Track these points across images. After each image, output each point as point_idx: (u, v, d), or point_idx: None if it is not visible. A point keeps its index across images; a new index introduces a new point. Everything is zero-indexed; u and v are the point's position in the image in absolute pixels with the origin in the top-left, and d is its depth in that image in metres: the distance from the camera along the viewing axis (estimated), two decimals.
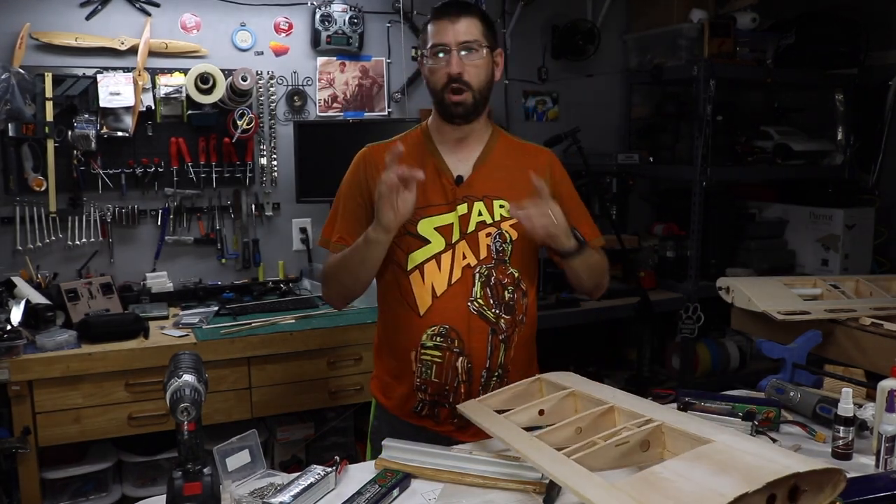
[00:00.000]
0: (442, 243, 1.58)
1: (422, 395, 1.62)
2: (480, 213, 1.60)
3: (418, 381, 1.61)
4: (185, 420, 1.12)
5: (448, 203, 1.60)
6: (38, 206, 2.76)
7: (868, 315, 2.04)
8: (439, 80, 1.56)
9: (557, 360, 2.89)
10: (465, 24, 1.54)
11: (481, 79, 1.57)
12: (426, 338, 1.59)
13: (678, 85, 3.54)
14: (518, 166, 1.65)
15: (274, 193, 3.10)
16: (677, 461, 1.06)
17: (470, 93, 1.56)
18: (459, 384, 1.59)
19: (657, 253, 3.43)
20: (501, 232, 1.60)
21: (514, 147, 1.71)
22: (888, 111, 3.38)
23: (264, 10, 3.02)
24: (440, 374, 1.59)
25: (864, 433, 1.46)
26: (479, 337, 1.58)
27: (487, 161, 1.64)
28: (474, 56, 1.55)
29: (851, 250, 3.35)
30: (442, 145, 1.65)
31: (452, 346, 1.58)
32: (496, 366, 1.61)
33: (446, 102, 1.57)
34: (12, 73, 2.58)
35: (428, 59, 1.57)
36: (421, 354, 1.60)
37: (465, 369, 1.58)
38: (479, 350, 1.59)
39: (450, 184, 1.61)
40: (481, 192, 1.61)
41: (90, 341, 2.36)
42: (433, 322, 1.58)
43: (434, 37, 1.55)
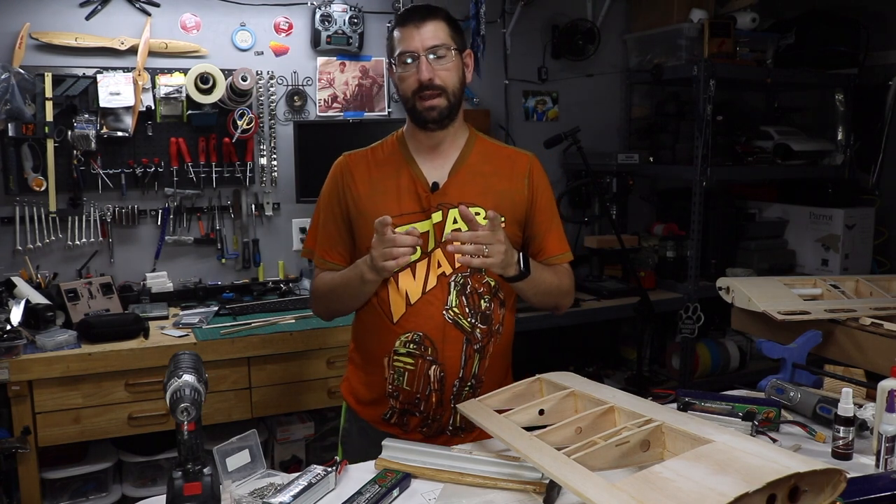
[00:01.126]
0: (417, 251, 1.54)
1: (393, 402, 1.61)
2: (455, 221, 1.56)
3: (390, 388, 1.60)
4: (185, 420, 1.12)
5: (423, 211, 1.57)
6: (38, 206, 2.76)
7: (868, 315, 2.04)
8: (409, 87, 1.53)
9: (557, 360, 2.90)
10: (430, 29, 1.51)
11: (453, 81, 1.54)
12: (399, 344, 1.58)
13: (678, 85, 3.54)
14: (495, 172, 1.62)
15: (274, 193, 3.10)
16: (677, 461, 1.06)
17: (443, 97, 1.53)
18: (431, 392, 1.58)
19: (657, 253, 3.43)
20: None
21: (492, 152, 1.66)
22: (888, 111, 3.38)
23: (264, 10, 3.02)
24: (412, 381, 1.58)
25: (864, 433, 1.46)
26: (453, 346, 1.56)
27: (463, 167, 1.60)
28: (444, 60, 1.52)
29: (851, 250, 3.35)
30: (417, 152, 1.62)
31: (426, 354, 1.56)
32: (469, 375, 1.59)
33: (418, 109, 1.54)
34: (12, 73, 2.58)
35: (397, 66, 1.55)
36: (393, 361, 1.59)
37: (437, 378, 1.57)
38: (452, 359, 1.57)
39: (424, 192, 1.58)
40: (456, 199, 1.56)
41: (90, 341, 2.36)
42: (406, 329, 1.57)
43: (400, 44, 1.53)
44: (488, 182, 1.60)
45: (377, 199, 1.58)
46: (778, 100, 3.96)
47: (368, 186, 1.60)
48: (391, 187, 1.59)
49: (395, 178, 1.60)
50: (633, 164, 3.39)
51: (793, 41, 3.37)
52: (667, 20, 3.38)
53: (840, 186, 3.46)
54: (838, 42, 3.37)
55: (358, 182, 1.61)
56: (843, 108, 3.52)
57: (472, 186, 1.59)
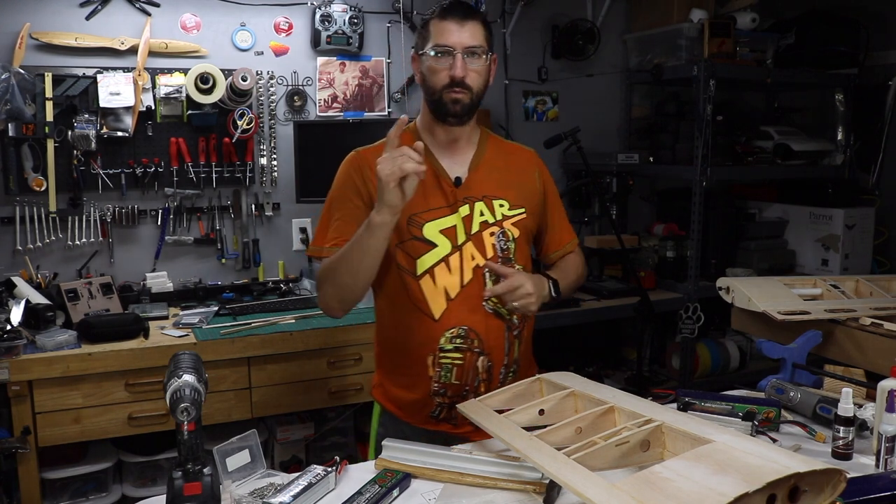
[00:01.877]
0: (448, 246, 1.58)
1: (440, 399, 1.61)
2: (482, 213, 1.61)
3: (436, 386, 1.60)
4: (185, 420, 1.12)
5: (449, 205, 1.60)
6: (38, 206, 2.76)
7: (868, 315, 2.04)
8: (440, 81, 1.55)
9: (557, 360, 2.90)
10: (471, 29, 1.54)
11: (480, 83, 1.58)
12: (444, 341, 1.58)
13: (678, 85, 3.54)
14: (508, 167, 1.69)
15: (274, 193, 3.10)
16: (678, 461, 1.06)
17: (469, 95, 1.56)
18: (479, 383, 1.60)
19: (657, 253, 3.43)
20: (504, 230, 1.62)
21: (502, 148, 1.74)
22: (888, 111, 3.38)
23: (264, 10, 3.02)
24: (460, 375, 1.59)
25: (864, 433, 1.46)
26: (496, 335, 1.60)
27: (482, 162, 1.66)
28: (477, 61, 1.56)
29: (851, 250, 3.35)
30: (435, 148, 1.64)
31: (473, 347, 1.59)
32: (512, 361, 1.64)
33: (444, 100, 1.56)
34: (12, 73, 2.58)
35: (428, 57, 1.56)
36: (439, 358, 1.59)
37: (485, 368, 1.60)
38: (497, 347, 1.61)
39: (449, 186, 1.61)
40: (480, 193, 1.62)
41: (90, 341, 2.36)
42: (450, 325, 1.58)
43: (439, 37, 1.54)
44: (504, 176, 1.67)
45: None
46: (778, 100, 3.96)
47: None
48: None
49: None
50: (633, 164, 3.39)
51: (793, 41, 3.37)
52: (667, 20, 3.38)
53: (840, 186, 3.46)
54: (838, 42, 3.37)
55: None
56: (843, 108, 3.52)
57: (491, 181, 1.65)
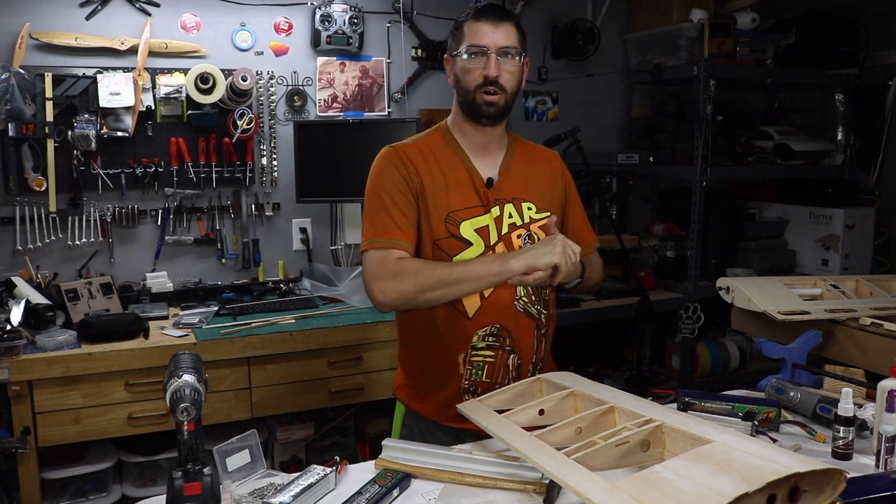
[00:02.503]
0: (482, 245, 1.60)
1: (469, 397, 1.61)
2: (511, 216, 1.63)
3: (466, 384, 1.61)
4: (185, 420, 1.12)
5: (483, 205, 1.62)
6: (38, 206, 2.76)
7: (868, 315, 2.04)
8: (474, 80, 1.57)
9: (557, 360, 2.89)
10: (505, 30, 1.57)
11: (514, 84, 1.61)
12: (477, 339, 1.60)
13: (678, 85, 3.54)
14: (536, 170, 1.73)
15: (274, 193, 3.10)
16: (677, 461, 1.06)
17: (503, 96, 1.59)
18: (509, 381, 1.61)
19: (657, 253, 3.43)
20: (531, 233, 1.64)
21: (528, 151, 1.76)
22: (888, 111, 3.38)
23: (264, 10, 3.02)
24: (491, 373, 1.61)
25: (864, 433, 1.46)
26: (526, 333, 1.63)
27: (512, 165, 1.69)
28: (511, 62, 1.58)
29: (851, 250, 3.35)
30: (467, 148, 1.67)
31: (504, 345, 1.61)
32: (539, 359, 1.67)
33: (478, 102, 1.58)
34: (12, 73, 2.58)
35: (463, 58, 1.58)
36: (471, 356, 1.60)
37: (515, 366, 1.63)
38: (527, 346, 1.63)
39: (482, 186, 1.64)
40: (510, 195, 1.65)
41: (90, 341, 2.36)
42: (483, 323, 1.60)
43: (473, 37, 1.57)
44: (532, 179, 1.70)
45: (442, 192, 1.60)
46: (778, 100, 3.95)
47: (430, 179, 1.62)
48: (452, 180, 1.62)
49: (452, 171, 1.63)
50: (633, 164, 3.39)
51: (793, 41, 3.37)
52: (667, 20, 3.38)
53: (840, 186, 3.46)
54: (838, 42, 3.37)
55: (421, 173, 1.62)
56: (843, 108, 3.52)
57: (521, 183, 1.68)
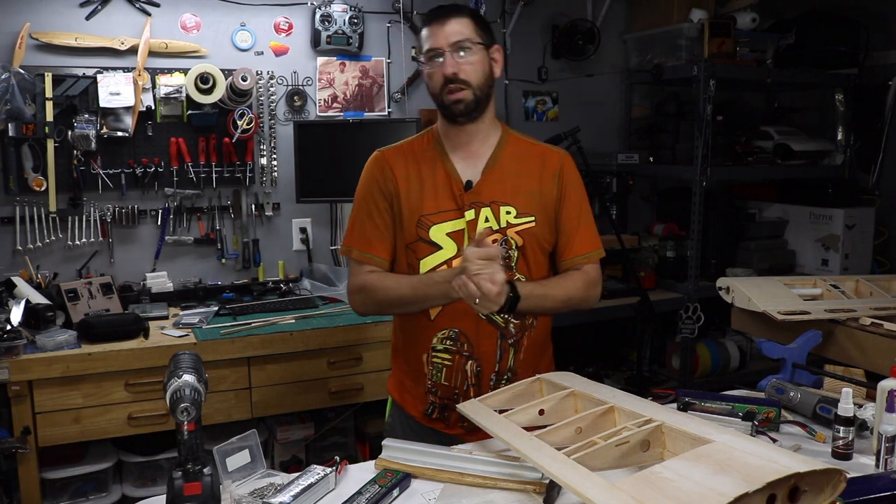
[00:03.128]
0: (453, 249, 1.60)
1: (433, 398, 1.66)
2: (487, 220, 1.61)
3: (430, 384, 1.66)
4: (185, 420, 1.12)
5: (458, 209, 1.61)
6: (38, 206, 2.76)
7: (868, 315, 2.04)
8: (437, 83, 1.59)
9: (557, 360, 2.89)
10: (454, 25, 1.57)
11: (478, 76, 1.58)
12: (436, 341, 1.63)
13: (678, 85, 3.54)
14: (526, 172, 1.66)
15: (274, 193, 3.10)
16: (677, 461, 1.06)
17: (469, 90, 1.57)
18: (468, 387, 1.62)
19: (657, 253, 3.43)
20: (507, 238, 1.62)
21: (524, 150, 1.69)
22: (888, 111, 3.38)
23: (264, 10, 3.02)
24: (450, 377, 1.63)
25: (864, 433, 1.46)
26: (487, 341, 1.62)
27: (496, 166, 1.65)
28: (468, 55, 1.57)
29: (851, 250, 3.35)
30: (451, 150, 1.66)
31: (462, 350, 1.62)
32: (505, 369, 1.64)
33: (446, 102, 1.59)
34: (12, 73, 2.58)
35: (425, 65, 1.61)
36: (432, 357, 1.64)
37: (473, 372, 1.62)
38: (488, 354, 1.62)
39: (459, 189, 1.62)
40: (489, 198, 1.62)
41: (90, 341, 2.36)
42: (443, 326, 1.62)
43: (427, 42, 1.59)
44: (519, 181, 1.64)
45: (416, 196, 1.62)
46: (778, 100, 3.95)
47: (407, 183, 1.63)
48: (428, 184, 1.63)
49: (431, 174, 1.63)
50: (633, 164, 3.39)
51: (793, 41, 3.37)
52: (667, 20, 3.38)
53: (840, 186, 3.46)
54: (838, 42, 3.37)
55: (399, 177, 1.64)
56: (843, 108, 3.52)
57: (503, 186, 1.63)
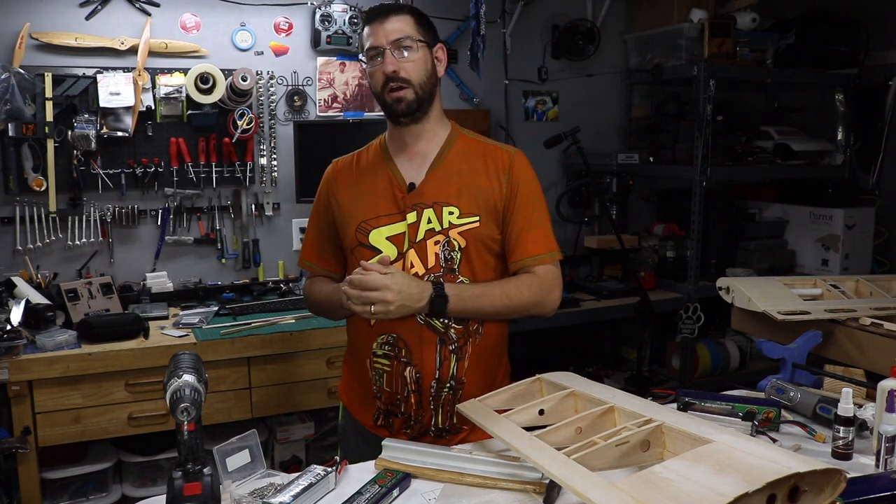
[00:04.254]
0: (394, 253, 1.55)
1: (378, 403, 1.63)
2: (430, 221, 1.55)
3: (374, 389, 1.63)
4: (185, 420, 1.12)
5: (399, 212, 1.57)
6: (38, 206, 2.76)
7: (868, 315, 2.04)
8: (378, 82, 1.56)
9: (557, 360, 2.89)
10: (394, 23, 1.54)
11: (420, 74, 1.55)
12: (376, 346, 1.60)
13: (678, 85, 3.54)
14: (473, 170, 1.59)
15: (274, 193, 3.10)
16: (677, 461, 1.06)
17: (410, 89, 1.54)
18: (409, 394, 1.58)
19: (657, 253, 3.43)
20: (449, 239, 1.55)
21: (473, 149, 1.63)
22: (888, 111, 3.38)
23: (264, 10, 3.02)
24: (390, 382, 1.59)
25: (864, 433, 1.46)
26: (427, 347, 1.55)
27: (441, 166, 1.59)
28: (409, 53, 1.54)
29: (851, 250, 3.35)
30: (396, 153, 1.63)
31: (400, 356, 1.57)
32: (447, 377, 1.57)
33: (387, 102, 1.56)
34: (12, 73, 2.58)
35: (366, 64, 1.59)
36: (373, 363, 1.61)
37: (413, 379, 1.57)
38: (427, 360, 1.56)
39: (401, 192, 1.58)
40: (431, 199, 1.56)
41: (90, 341, 2.36)
42: (382, 330, 1.58)
43: (368, 40, 1.57)
44: (465, 181, 1.58)
45: (356, 203, 1.61)
46: (778, 100, 3.96)
47: (350, 191, 1.63)
48: (369, 190, 1.61)
49: (373, 180, 1.62)
50: (633, 164, 3.39)
51: (793, 41, 3.37)
52: (667, 20, 3.38)
53: (840, 186, 3.46)
54: (838, 42, 3.37)
55: (341, 188, 1.65)
56: (843, 108, 3.52)
57: (447, 186, 1.57)
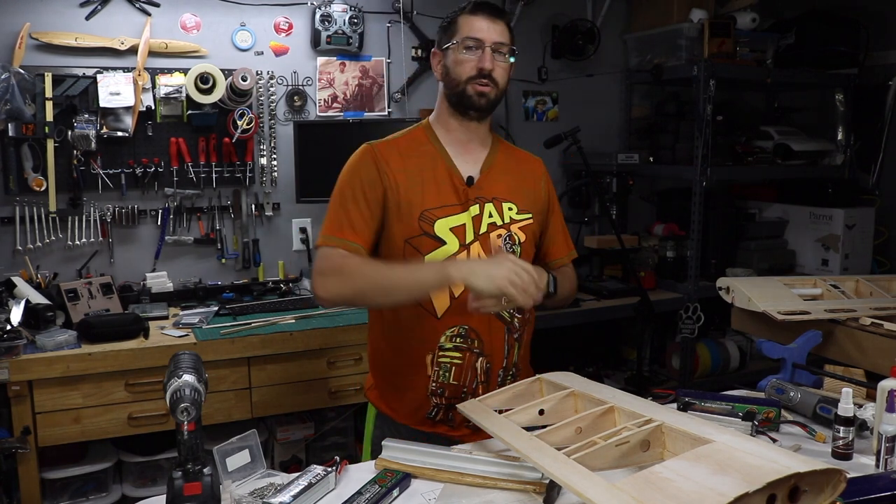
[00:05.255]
0: (457, 244, 1.57)
1: (436, 400, 1.60)
2: (491, 215, 1.61)
3: (434, 386, 1.60)
4: (185, 420, 1.12)
5: (461, 204, 1.60)
6: (38, 206, 2.76)
7: (868, 315, 2.04)
8: (466, 72, 1.56)
9: (557, 360, 2.90)
10: (502, 26, 1.59)
11: (504, 81, 1.61)
12: (445, 339, 1.58)
13: (678, 85, 3.54)
14: (519, 173, 1.70)
15: (274, 193, 3.10)
16: (678, 461, 1.06)
17: (495, 89, 1.58)
18: (478, 385, 1.60)
19: (657, 253, 3.43)
20: (511, 234, 1.63)
21: (511, 153, 1.74)
22: (888, 111, 3.38)
23: (264, 10, 3.02)
24: (458, 375, 1.59)
25: (864, 433, 1.46)
26: (497, 336, 1.61)
27: (494, 164, 1.66)
28: (503, 59, 1.59)
29: (851, 250, 3.35)
30: (449, 145, 1.64)
31: (472, 347, 1.59)
32: (511, 364, 1.64)
33: (469, 93, 1.57)
34: (12, 73, 2.58)
35: (457, 50, 1.57)
36: (438, 357, 1.59)
37: (483, 369, 1.60)
38: (498, 350, 1.61)
39: (461, 184, 1.61)
40: (491, 194, 1.62)
41: (90, 341, 2.36)
42: (452, 323, 1.58)
43: (470, 31, 1.56)
44: (515, 181, 1.68)
45: (417, 190, 1.58)
46: (778, 100, 3.96)
47: (405, 176, 1.59)
48: (429, 178, 1.60)
49: (430, 169, 1.61)
50: (633, 164, 3.39)
51: (793, 41, 3.37)
52: (667, 20, 3.38)
53: (840, 186, 3.46)
54: (838, 42, 3.37)
55: (395, 171, 1.58)
56: (843, 108, 3.52)
57: (503, 184, 1.65)
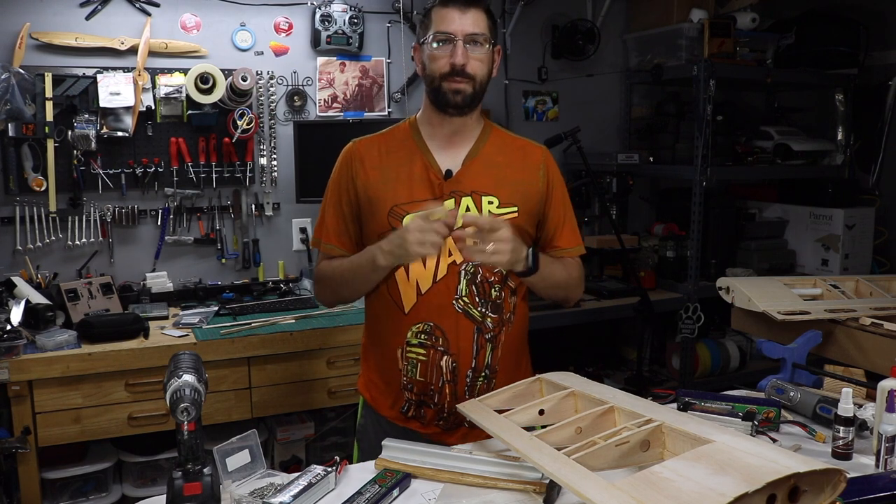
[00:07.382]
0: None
1: (408, 395, 1.61)
2: (468, 209, 1.56)
3: (404, 380, 1.60)
4: (185, 420, 1.12)
5: (435, 198, 1.56)
6: (38, 206, 2.76)
7: (868, 315, 2.04)
8: (440, 68, 1.53)
9: (557, 360, 2.90)
10: (473, 17, 1.52)
11: (483, 73, 1.55)
12: (411, 335, 1.58)
13: (678, 85, 3.54)
14: (508, 163, 1.62)
15: (274, 193, 3.10)
16: (677, 461, 1.05)
17: (471, 84, 1.53)
18: (444, 384, 1.58)
19: (657, 253, 3.43)
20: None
21: (507, 143, 1.67)
22: (888, 111, 3.38)
23: (264, 10, 3.02)
24: (425, 372, 1.58)
25: (864, 433, 1.46)
26: (464, 336, 1.57)
27: (478, 156, 1.61)
28: (479, 50, 1.53)
29: (851, 250, 3.35)
30: (431, 140, 1.61)
31: (437, 345, 1.57)
32: (482, 366, 1.59)
33: (444, 90, 1.53)
34: (12, 73, 2.58)
35: (430, 45, 1.54)
36: (406, 352, 1.59)
37: (449, 368, 1.57)
38: (464, 349, 1.57)
39: (437, 179, 1.57)
40: (469, 188, 1.57)
41: (90, 341, 2.36)
42: (418, 319, 1.57)
43: (440, 24, 1.52)
44: (502, 172, 1.60)
45: (388, 186, 1.57)
46: (778, 100, 3.95)
47: (379, 172, 1.59)
48: (403, 174, 1.58)
49: (407, 164, 1.59)
50: (633, 164, 3.39)
51: (793, 41, 3.38)
52: (667, 20, 3.38)
53: (840, 186, 3.46)
54: (838, 42, 3.37)
55: (368, 168, 1.59)
56: (843, 108, 3.52)
57: (485, 176, 1.59)
